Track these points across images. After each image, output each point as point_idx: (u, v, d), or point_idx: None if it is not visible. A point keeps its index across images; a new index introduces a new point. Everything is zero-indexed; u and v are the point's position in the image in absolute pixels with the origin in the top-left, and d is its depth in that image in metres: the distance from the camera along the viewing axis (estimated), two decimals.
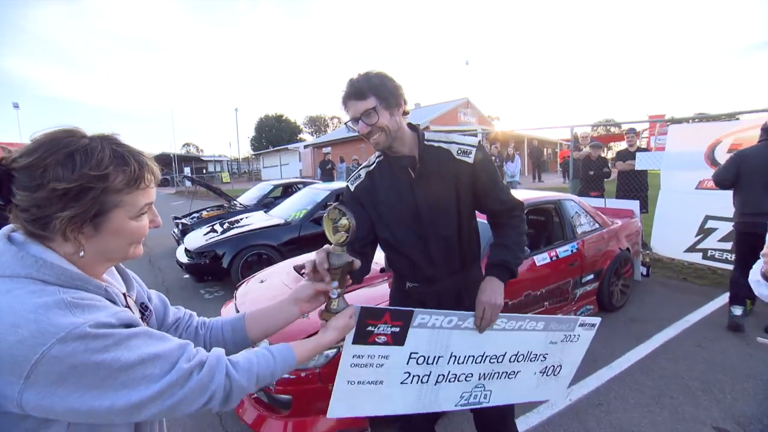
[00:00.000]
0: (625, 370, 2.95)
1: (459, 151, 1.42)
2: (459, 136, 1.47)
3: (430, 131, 1.50)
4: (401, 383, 1.28)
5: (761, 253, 1.07)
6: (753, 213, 3.25)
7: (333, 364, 2.09)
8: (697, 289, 4.48)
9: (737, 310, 3.46)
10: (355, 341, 1.15)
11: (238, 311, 2.74)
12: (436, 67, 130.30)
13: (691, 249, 5.00)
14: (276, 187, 8.61)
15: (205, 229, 5.78)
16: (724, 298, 4.21)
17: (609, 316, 3.78)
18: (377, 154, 1.51)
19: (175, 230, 7.11)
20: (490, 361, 1.37)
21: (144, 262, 6.98)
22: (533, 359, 1.44)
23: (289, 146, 36.69)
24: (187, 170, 29.91)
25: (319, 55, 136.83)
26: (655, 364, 3.02)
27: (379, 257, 3.07)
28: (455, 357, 1.31)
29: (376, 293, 2.57)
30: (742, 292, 3.43)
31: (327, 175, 13.62)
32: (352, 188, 1.51)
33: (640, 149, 5.97)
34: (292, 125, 58.76)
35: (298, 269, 3.07)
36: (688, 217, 4.91)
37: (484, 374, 1.39)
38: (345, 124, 1.41)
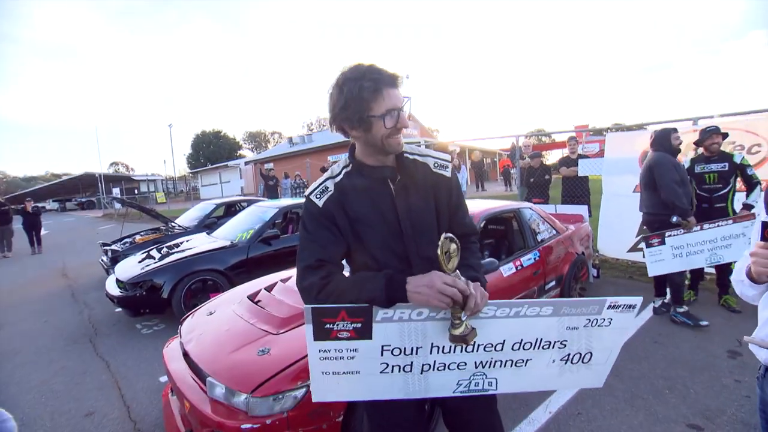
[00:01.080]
0: None
1: (436, 165, 1.33)
2: (430, 150, 1.37)
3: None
4: (381, 372, 1.20)
5: (748, 253, 1.04)
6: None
7: (302, 406, 1.84)
8: (643, 285, 4.71)
9: (657, 302, 3.95)
10: (317, 338, 1.11)
11: (184, 351, 2.38)
12: None
13: (633, 248, 5.30)
14: (218, 206, 8.05)
15: (140, 255, 5.20)
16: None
17: None
18: (342, 163, 1.32)
19: (104, 258, 6.35)
20: (485, 350, 1.24)
21: (65, 296, 6.15)
22: (546, 347, 1.27)
23: (230, 163, 35.20)
24: (116, 191, 27.53)
25: (256, 70, 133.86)
26: (622, 365, 3.06)
27: None
28: (438, 347, 1.20)
29: None
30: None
31: (271, 191, 13.11)
32: (319, 203, 1.25)
33: (580, 156, 6.29)
34: (231, 141, 56.62)
35: (253, 298, 2.76)
36: (628, 219, 5.20)
37: (482, 362, 1.26)
38: (380, 115, 1.15)
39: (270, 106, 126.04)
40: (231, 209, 8.58)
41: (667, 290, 3.85)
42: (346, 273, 1.28)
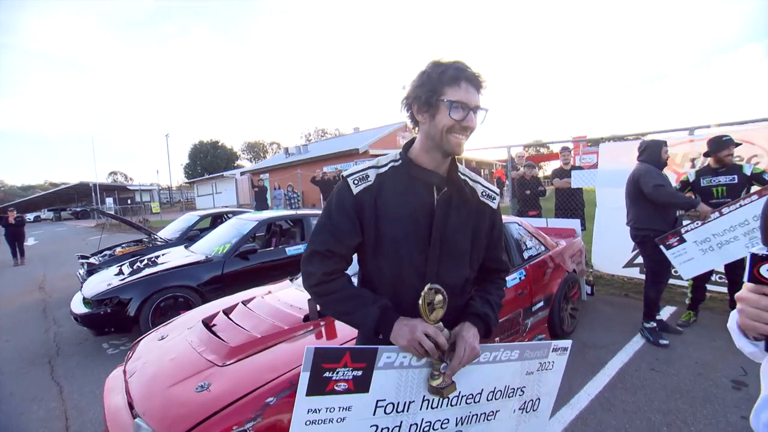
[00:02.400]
0: (586, 407, 2.68)
1: (483, 193, 1.28)
2: (482, 178, 1.33)
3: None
4: None
5: (736, 297, 0.79)
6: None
7: None
8: (639, 304, 4.41)
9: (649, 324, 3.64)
10: (310, 392, 0.97)
11: (126, 381, 2.12)
12: (374, 91, 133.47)
13: (629, 264, 5.05)
14: (203, 217, 7.81)
15: (115, 269, 4.95)
16: (666, 311, 4.23)
17: None
18: (391, 157, 1.23)
19: (81, 271, 6.08)
20: (466, 402, 1.20)
21: (36, 312, 5.87)
22: (511, 395, 1.28)
23: (225, 173, 35.03)
24: (109, 201, 27.27)
25: (256, 81, 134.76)
26: (615, 397, 2.79)
27: (302, 299, 2.68)
28: (428, 401, 1.13)
29: (295, 350, 2.06)
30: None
31: (261, 202, 12.89)
32: (354, 190, 1.16)
33: (574, 167, 6.08)
34: (228, 152, 56.66)
35: (208, 322, 2.51)
36: (623, 232, 4.91)
37: (461, 418, 1.21)
38: (448, 102, 1.09)
39: (270, 117, 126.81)
40: (217, 221, 8.34)
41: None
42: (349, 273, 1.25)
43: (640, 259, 4.85)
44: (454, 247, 1.20)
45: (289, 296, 2.80)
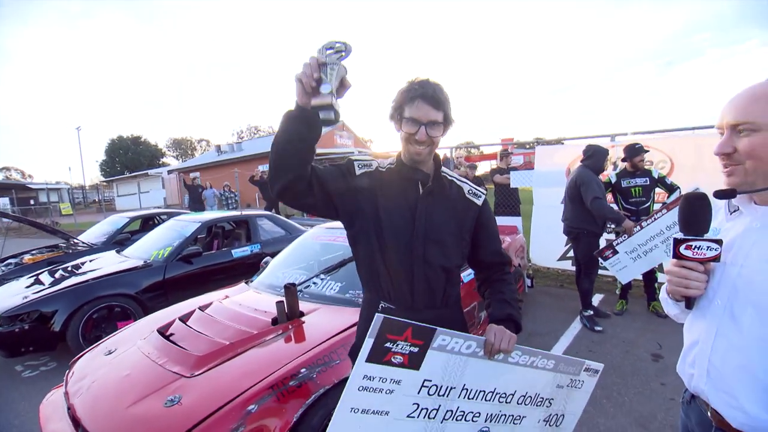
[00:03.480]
0: None
1: (470, 191, 1.42)
2: (469, 180, 1.48)
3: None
4: (408, 416, 1.15)
5: (665, 270, 1.02)
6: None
7: None
8: (574, 294, 4.88)
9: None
10: (370, 359, 1.02)
11: (69, 405, 1.92)
12: None
13: (562, 257, 5.53)
14: (132, 219, 7.19)
15: (27, 280, 4.38)
16: (595, 298, 4.70)
17: None
18: (390, 161, 1.40)
19: None
20: (499, 400, 1.27)
21: None
22: (539, 404, 1.34)
23: (150, 171, 32.35)
24: (3, 202, 23.94)
25: (181, 72, 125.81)
26: None
27: (266, 302, 2.62)
28: (467, 390, 1.20)
29: (269, 355, 2.01)
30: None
31: (197, 202, 12.13)
32: (357, 171, 1.33)
33: (511, 168, 6.52)
34: (152, 148, 52.42)
35: (164, 331, 2.34)
36: (557, 229, 5.39)
37: (491, 415, 1.28)
38: (404, 118, 1.26)
39: (197, 112, 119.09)
40: (148, 223, 7.73)
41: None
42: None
43: (571, 253, 5.34)
44: (438, 234, 1.33)
45: (251, 300, 2.70)
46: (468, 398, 1.20)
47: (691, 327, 1.04)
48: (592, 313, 4.03)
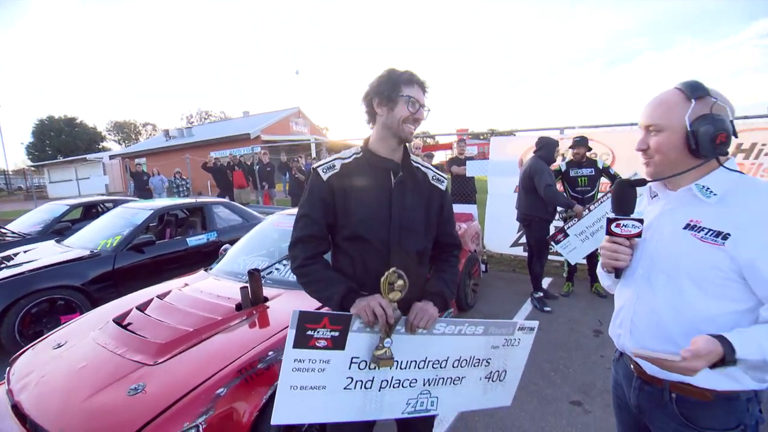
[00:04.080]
0: None
1: (434, 177, 1.50)
2: (431, 165, 1.55)
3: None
4: (344, 389, 1.27)
5: (600, 246, 1.19)
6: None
7: None
8: (525, 278, 5.17)
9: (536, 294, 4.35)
10: (296, 345, 1.16)
11: (14, 402, 1.81)
12: (265, 74, 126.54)
13: (515, 244, 5.83)
14: (73, 207, 6.71)
15: None
16: (546, 281, 5.01)
17: (465, 315, 4.04)
18: (354, 150, 1.44)
19: None
20: (433, 366, 1.37)
21: None
22: (476, 364, 1.44)
23: (89, 156, 29.96)
24: None
25: (123, 49, 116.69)
26: None
27: (229, 288, 2.58)
28: (397, 362, 1.29)
29: (236, 340, 2.01)
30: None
31: (143, 190, 11.48)
32: (324, 176, 1.37)
33: (467, 157, 6.73)
34: (90, 131, 48.34)
35: (121, 321, 2.26)
36: (511, 216, 5.66)
37: (429, 380, 1.38)
38: (406, 96, 1.33)
39: (141, 94, 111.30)
40: (91, 211, 7.25)
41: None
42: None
43: (523, 239, 5.64)
44: (410, 221, 1.40)
45: (212, 287, 2.66)
46: (400, 368, 1.31)
47: (619, 294, 1.22)
48: (541, 294, 4.32)
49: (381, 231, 1.36)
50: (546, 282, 5.02)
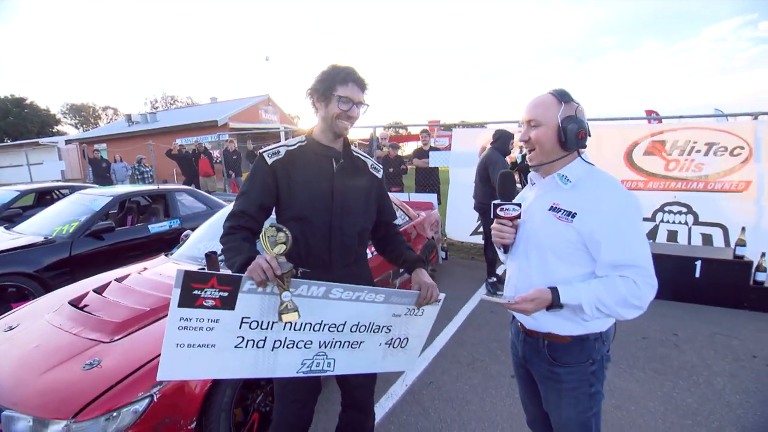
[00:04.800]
0: (445, 345, 3.33)
1: (372, 166, 1.66)
2: (370, 156, 1.69)
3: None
4: (235, 347, 1.29)
5: (491, 227, 1.41)
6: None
7: (146, 420, 1.61)
8: (482, 265, 5.41)
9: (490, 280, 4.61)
10: (181, 304, 1.16)
11: None
12: (234, 60, 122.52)
13: (474, 232, 6.08)
14: (24, 193, 6.45)
15: None
16: (501, 268, 5.28)
17: None
18: (298, 139, 1.54)
19: None
20: (329, 330, 1.41)
21: None
22: (376, 330, 1.50)
23: (42, 140, 28.29)
24: None
25: (80, 27, 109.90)
26: (466, 335, 3.51)
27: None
28: (291, 323, 1.33)
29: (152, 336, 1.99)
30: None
31: (102, 177, 11.06)
32: (269, 160, 1.47)
33: (432, 148, 6.90)
34: (42, 113, 45.45)
35: (77, 303, 2.29)
36: (470, 206, 5.93)
37: (325, 342, 1.43)
38: (337, 97, 1.43)
39: (101, 76, 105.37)
40: (45, 198, 6.99)
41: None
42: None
43: (481, 228, 5.91)
44: (351, 205, 1.54)
45: (171, 270, 2.70)
46: (294, 329, 1.35)
47: (509, 266, 1.45)
48: (495, 280, 4.57)
49: (324, 213, 1.49)
50: (501, 268, 5.30)
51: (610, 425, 2.33)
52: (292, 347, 1.38)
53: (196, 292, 1.17)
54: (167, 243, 4.66)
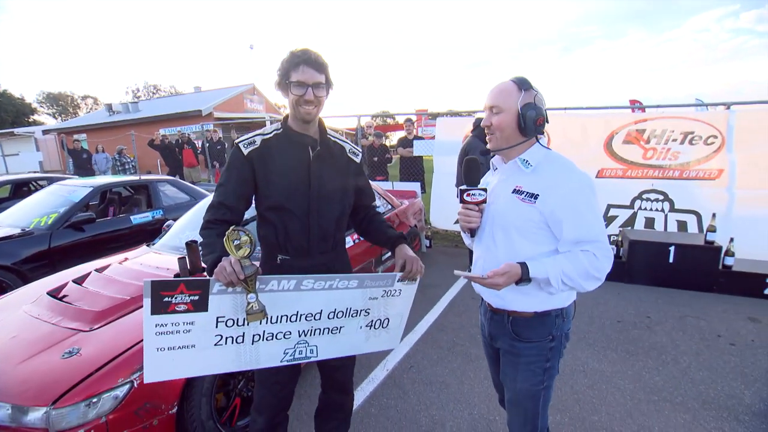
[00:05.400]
0: (426, 330, 3.40)
1: (350, 151, 1.65)
2: (348, 140, 1.71)
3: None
4: (215, 345, 1.35)
5: (457, 212, 1.46)
6: None
7: (127, 405, 1.64)
8: (466, 252, 5.55)
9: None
10: (154, 312, 1.21)
11: None
12: (218, 49, 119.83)
13: (458, 220, 6.16)
14: (1, 184, 6.31)
15: None
16: None
17: None
18: (274, 127, 1.54)
19: None
20: (306, 319, 1.46)
21: None
22: (354, 315, 1.55)
23: (17, 131, 27.39)
24: None
25: (57, 13, 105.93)
26: (447, 320, 3.59)
27: (169, 261, 2.61)
28: (269, 317, 1.37)
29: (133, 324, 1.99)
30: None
31: (84, 168, 10.83)
32: (245, 151, 1.47)
33: (416, 137, 6.92)
34: (17, 102, 43.93)
35: (56, 294, 2.29)
36: (455, 194, 5.98)
37: (304, 331, 1.48)
38: (291, 82, 1.42)
39: (80, 65, 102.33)
40: (22, 189, 6.85)
41: None
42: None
43: None
44: (328, 191, 1.54)
45: (153, 260, 2.71)
46: (270, 323, 1.40)
47: (476, 249, 1.50)
48: None
49: (301, 200, 1.49)
50: None
51: (582, 404, 2.44)
52: (272, 339, 1.42)
53: (166, 299, 1.21)
54: (150, 234, 4.63)
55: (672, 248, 4.23)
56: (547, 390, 1.43)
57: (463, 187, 1.39)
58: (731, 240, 4.16)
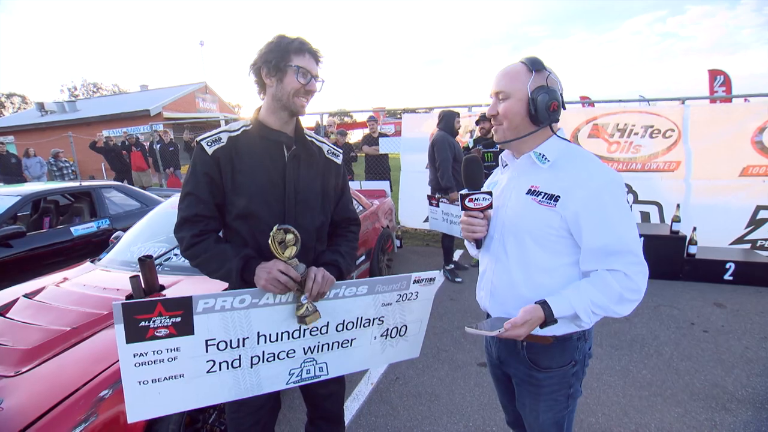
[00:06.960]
0: None
1: (329, 151, 1.45)
2: (327, 139, 1.53)
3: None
4: (208, 372, 1.17)
5: (460, 221, 1.27)
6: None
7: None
8: (438, 251, 5.42)
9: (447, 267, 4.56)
10: (129, 340, 1.03)
11: None
12: (165, 46, 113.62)
13: (427, 219, 6.04)
14: None
15: None
16: (457, 254, 5.29)
17: None
18: (242, 122, 1.34)
19: None
20: (311, 334, 1.29)
21: None
22: (367, 324, 1.36)
23: None
24: None
25: None
26: (428, 325, 3.42)
27: (118, 279, 2.28)
28: (265, 336, 1.21)
29: (100, 347, 1.71)
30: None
31: (13, 175, 9.77)
32: (209, 150, 1.25)
33: (381, 135, 6.75)
34: None
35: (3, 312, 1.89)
36: (423, 192, 5.83)
37: (310, 348, 1.31)
38: (296, 67, 1.22)
39: (2, 59, 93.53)
40: None
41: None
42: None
43: None
44: (306, 196, 1.34)
45: (99, 279, 2.35)
46: (270, 341, 1.23)
47: (482, 260, 1.31)
48: (453, 266, 4.55)
49: (275, 207, 1.28)
50: (457, 254, 5.31)
51: (578, 406, 2.35)
52: (273, 360, 1.25)
53: (143, 323, 1.03)
54: (96, 246, 4.15)
55: (641, 239, 4.32)
56: (570, 413, 1.27)
57: (464, 191, 1.19)
58: (694, 229, 4.30)
